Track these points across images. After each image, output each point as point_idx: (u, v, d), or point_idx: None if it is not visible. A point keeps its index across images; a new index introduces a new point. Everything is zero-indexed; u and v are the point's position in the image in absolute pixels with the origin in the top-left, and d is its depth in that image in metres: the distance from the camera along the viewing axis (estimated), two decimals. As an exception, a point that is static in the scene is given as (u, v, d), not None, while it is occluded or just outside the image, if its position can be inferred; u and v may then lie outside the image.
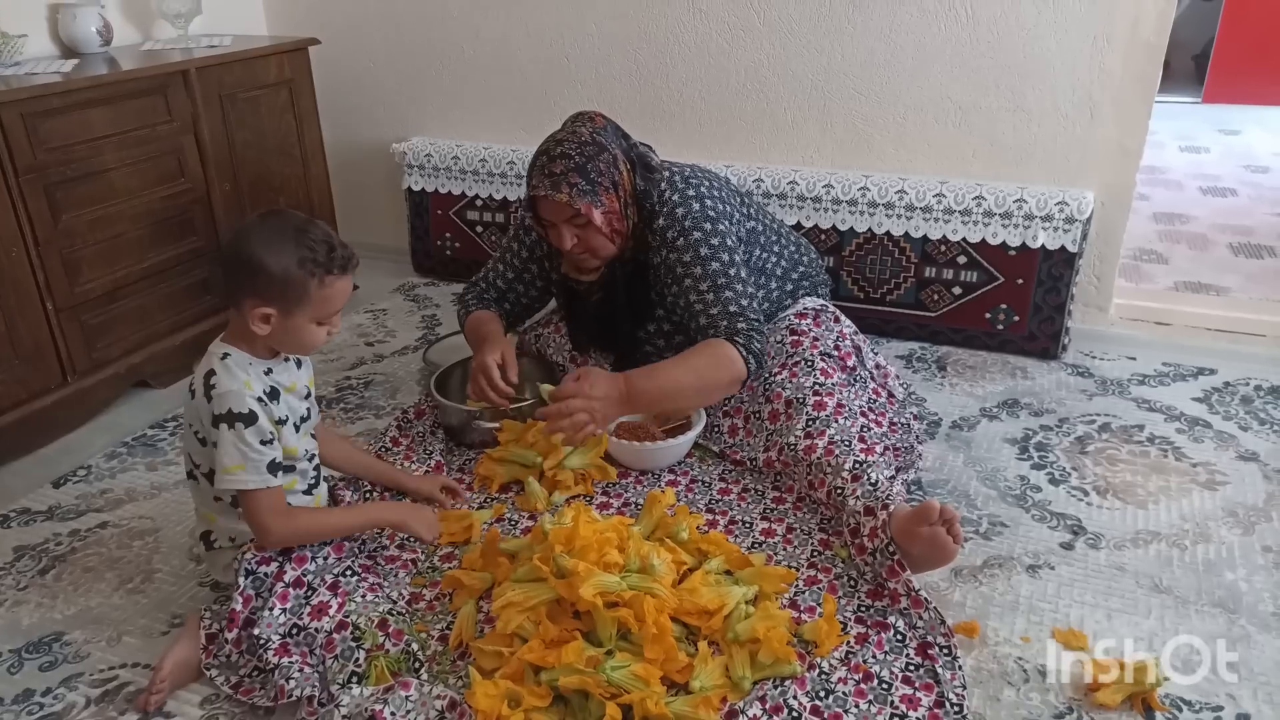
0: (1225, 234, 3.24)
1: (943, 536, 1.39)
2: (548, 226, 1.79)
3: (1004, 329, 2.33)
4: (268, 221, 1.36)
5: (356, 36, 2.89)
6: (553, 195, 1.70)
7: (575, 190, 1.70)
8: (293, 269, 1.31)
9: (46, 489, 1.87)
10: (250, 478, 1.33)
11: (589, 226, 1.74)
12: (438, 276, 2.96)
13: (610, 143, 1.77)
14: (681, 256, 1.78)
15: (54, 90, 1.95)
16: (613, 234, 1.77)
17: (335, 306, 1.38)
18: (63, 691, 1.36)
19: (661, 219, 1.80)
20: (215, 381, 1.33)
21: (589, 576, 1.30)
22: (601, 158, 1.73)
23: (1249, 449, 1.89)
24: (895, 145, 2.42)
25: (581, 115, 1.81)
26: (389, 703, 1.23)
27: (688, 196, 1.80)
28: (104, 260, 2.12)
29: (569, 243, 1.76)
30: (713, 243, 1.77)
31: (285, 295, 1.32)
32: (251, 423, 1.32)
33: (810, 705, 1.26)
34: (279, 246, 1.31)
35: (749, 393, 1.83)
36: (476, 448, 1.93)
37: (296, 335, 1.37)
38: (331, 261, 1.34)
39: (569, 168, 1.70)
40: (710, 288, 1.75)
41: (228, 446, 1.32)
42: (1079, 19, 2.16)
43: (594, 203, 1.71)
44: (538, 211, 1.78)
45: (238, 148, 2.43)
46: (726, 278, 1.76)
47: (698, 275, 1.76)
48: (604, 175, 1.73)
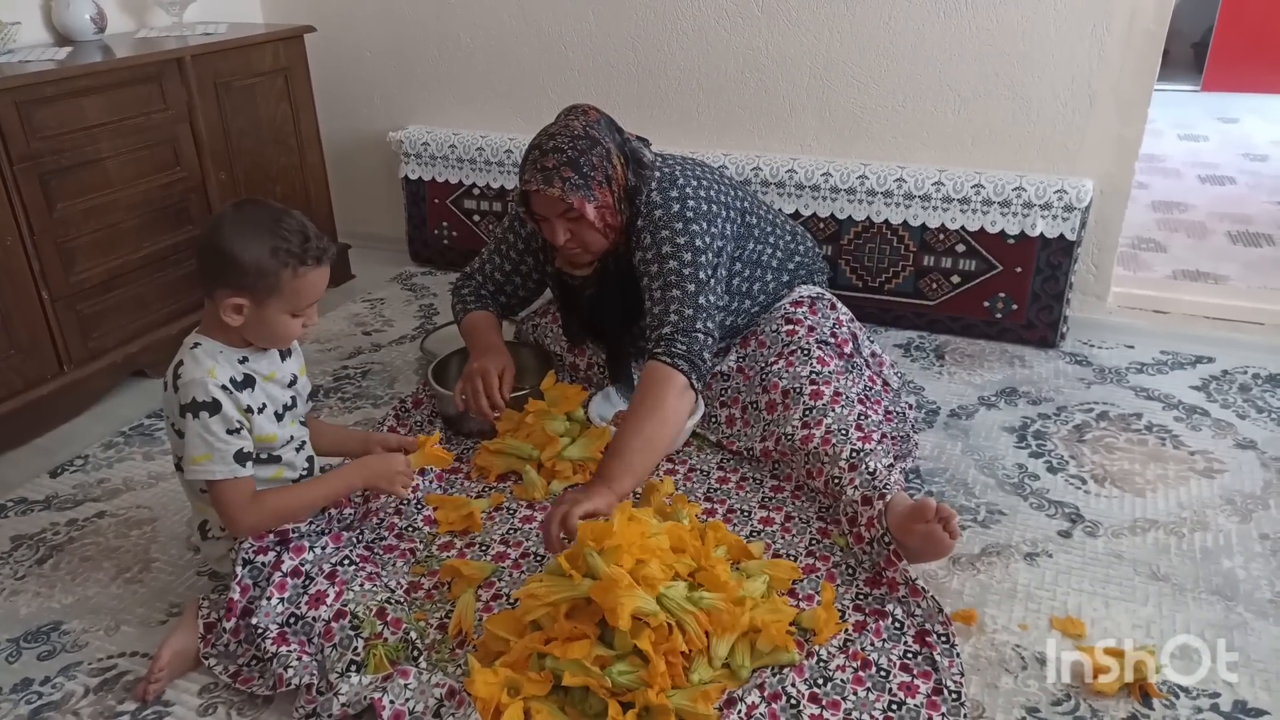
0: (1224, 222, 3.24)
1: (939, 533, 1.39)
2: (540, 221, 1.78)
3: (1002, 317, 2.33)
4: (242, 211, 1.34)
5: (352, 24, 2.87)
6: (545, 189, 1.68)
7: (568, 185, 1.68)
8: (265, 258, 1.29)
9: (44, 479, 1.87)
10: (217, 467, 1.31)
11: (582, 221, 1.72)
12: (435, 265, 2.96)
13: (604, 137, 1.75)
14: (645, 254, 1.76)
15: (48, 78, 1.94)
16: (606, 229, 1.76)
17: (309, 298, 1.36)
18: (61, 680, 1.36)
19: (640, 219, 1.78)
20: (181, 371, 1.32)
21: (629, 593, 1.23)
22: (595, 151, 1.71)
23: (1247, 437, 1.89)
24: (894, 133, 2.42)
25: (575, 109, 1.79)
26: (388, 691, 1.23)
27: (670, 197, 1.77)
28: (100, 249, 2.11)
29: (562, 238, 1.75)
30: (678, 242, 1.73)
31: (257, 285, 1.30)
32: (215, 411, 1.30)
33: (809, 693, 1.26)
34: (252, 235, 1.29)
35: (745, 382, 1.82)
36: (474, 437, 1.92)
37: (269, 326, 1.35)
38: (305, 252, 1.32)
39: (561, 161, 1.69)
40: (660, 286, 1.72)
41: (193, 436, 1.30)
42: (1078, 7, 2.15)
43: (587, 197, 1.70)
44: (530, 206, 1.77)
45: (233, 136, 2.42)
46: (680, 277, 1.71)
47: (654, 273, 1.74)
48: (597, 169, 1.71)
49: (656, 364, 1.64)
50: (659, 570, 1.29)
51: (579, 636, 1.25)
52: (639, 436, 1.57)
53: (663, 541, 1.35)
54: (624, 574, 1.24)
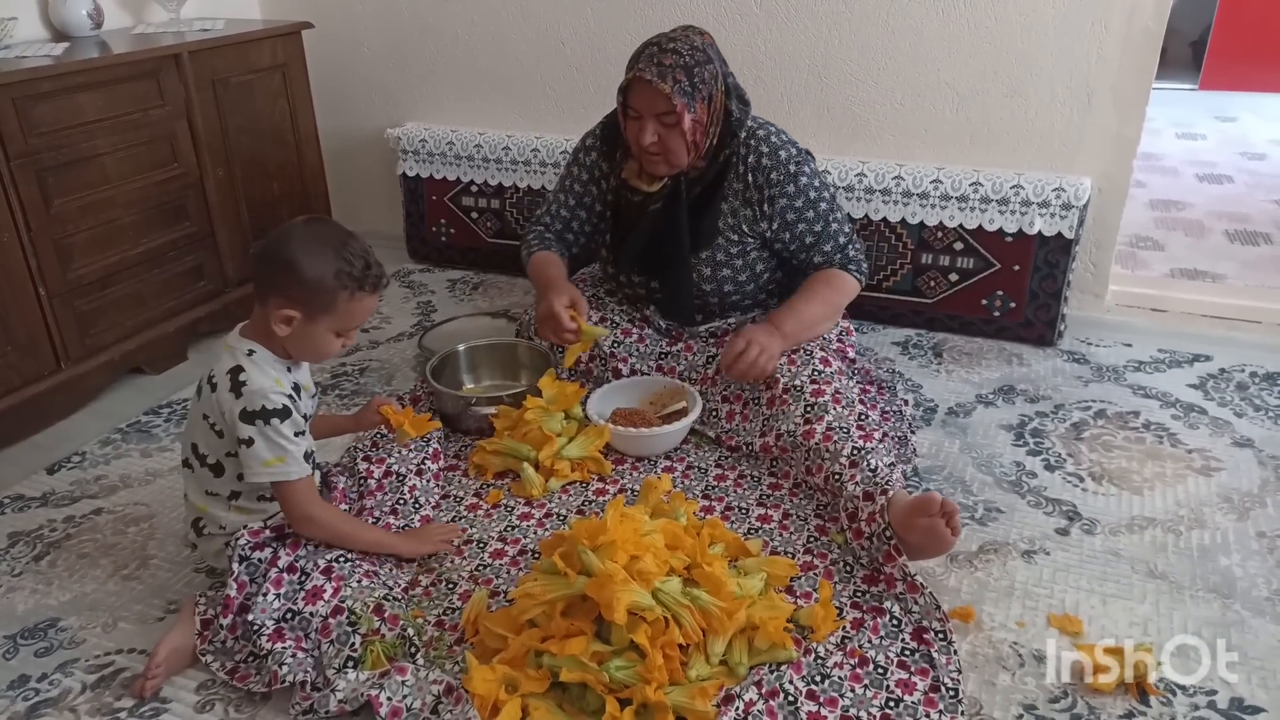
0: (1221, 221, 3.24)
1: (941, 528, 1.39)
2: (632, 118, 1.80)
3: (1000, 315, 2.33)
4: (312, 226, 1.39)
5: (350, 21, 2.87)
6: (657, 83, 1.71)
7: (678, 86, 1.72)
8: (328, 277, 1.33)
9: (41, 475, 1.86)
10: (292, 468, 1.37)
11: (675, 128, 1.76)
12: (433, 263, 2.95)
13: (715, 59, 1.80)
14: (793, 202, 1.86)
15: (45, 74, 1.93)
16: (691, 144, 1.79)
17: (357, 321, 1.41)
18: (59, 677, 1.35)
19: (765, 158, 1.84)
20: (246, 379, 1.35)
21: (625, 588, 1.23)
22: (708, 68, 1.77)
23: (1244, 435, 1.89)
24: (892, 131, 2.42)
25: (691, 27, 1.84)
26: (385, 687, 1.23)
27: (785, 140, 1.88)
28: (97, 246, 2.10)
29: (649, 138, 1.77)
30: (815, 184, 1.88)
31: (313, 301, 1.34)
32: (286, 416, 1.35)
33: (806, 690, 1.26)
34: (318, 252, 1.33)
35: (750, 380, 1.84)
36: (472, 434, 1.92)
37: (313, 341, 1.39)
38: (365, 278, 1.37)
39: (678, 64, 1.73)
40: (823, 226, 1.88)
41: (265, 441, 1.34)
42: (1077, 5, 2.15)
43: (689, 106, 1.74)
44: (630, 99, 1.79)
45: (231, 133, 2.42)
46: (831, 212, 1.89)
47: (810, 218, 1.87)
48: (705, 84, 1.76)
49: (837, 271, 1.89)
50: (654, 565, 1.29)
51: (576, 633, 1.25)
52: (814, 306, 1.85)
53: (656, 539, 1.35)
54: (619, 569, 1.24)
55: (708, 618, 1.28)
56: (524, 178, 2.72)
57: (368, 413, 1.67)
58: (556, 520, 1.66)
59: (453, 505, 1.72)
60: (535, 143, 2.67)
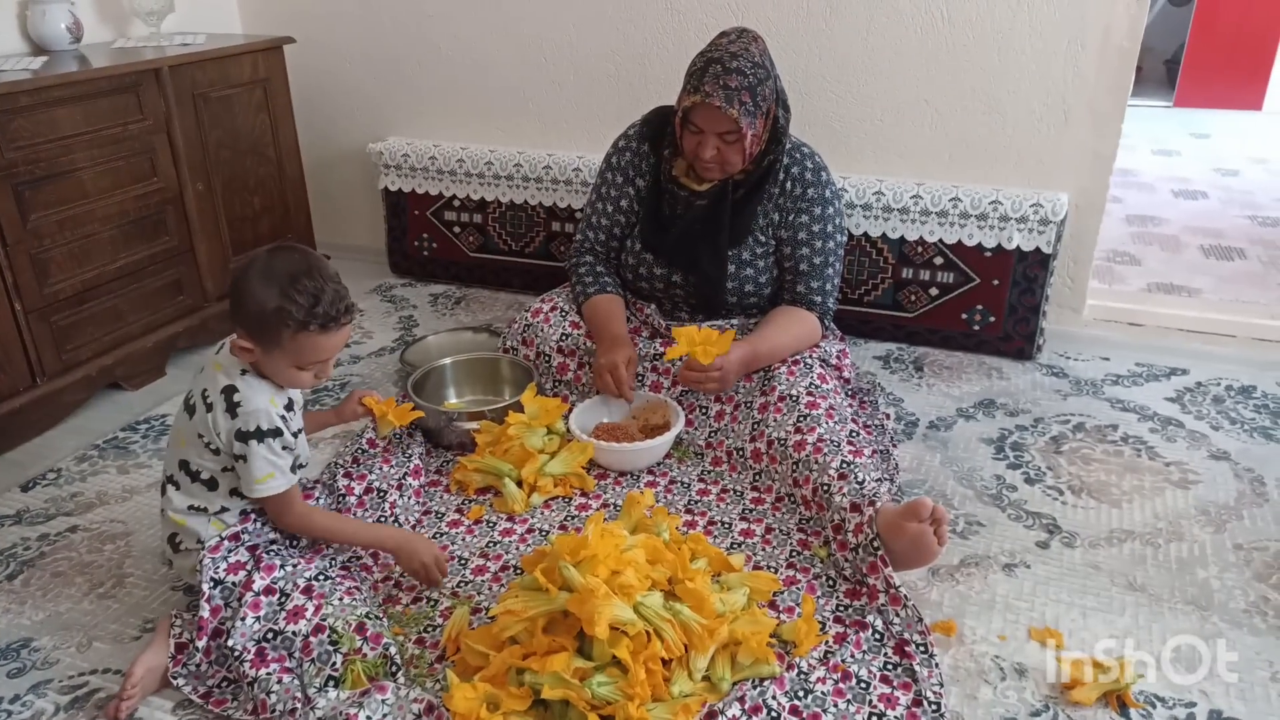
0: (1196, 236, 3.28)
1: (929, 536, 1.40)
2: (693, 132, 1.82)
3: (980, 329, 2.35)
4: (272, 259, 1.36)
5: (332, 35, 2.86)
6: (725, 109, 1.73)
7: (744, 109, 1.75)
8: (268, 314, 1.32)
9: (15, 492, 1.84)
10: (279, 481, 1.39)
11: (735, 144, 1.79)
12: (414, 277, 2.94)
13: (772, 69, 1.83)
14: (811, 226, 1.92)
15: (23, 88, 1.92)
16: (747, 154, 1.83)
17: (311, 358, 1.38)
18: (31, 698, 1.33)
19: (808, 173, 1.92)
20: (240, 399, 1.36)
21: (606, 602, 1.23)
22: (767, 84, 1.80)
23: (1220, 448, 1.91)
24: (872, 147, 2.43)
25: (746, 32, 1.85)
26: (365, 706, 1.21)
27: (825, 166, 1.96)
28: (74, 261, 2.08)
29: (710, 152, 1.80)
30: (837, 222, 1.95)
31: (260, 336, 1.35)
32: (278, 435, 1.38)
33: (789, 705, 1.26)
34: (264, 288, 1.32)
35: (747, 384, 1.84)
36: (454, 449, 1.91)
37: (274, 373, 1.40)
38: (311, 318, 1.33)
39: (744, 85, 1.75)
40: (821, 262, 1.93)
41: (258, 459, 1.36)
42: (1053, 24, 2.18)
43: (751, 125, 1.77)
44: (693, 116, 1.80)
45: (211, 147, 2.40)
46: (834, 255, 1.95)
47: (816, 248, 1.93)
48: (765, 100, 1.80)
49: (810, 313, 1.92)
50: (635, 579, 1.28)
51: (557, 650, 1.24)
52: (784, 337, 1.87)
53: (638, 554, 1.34)
54: (600, 584, 1.24)
55: (689, 633, 1.28)
56: (506, 192, 2.72)
57: (349, 404, 1.71)
58: (538, 536, 1.66)
59: (434, 521, 1.71)
60: (518, 157, 2.68)
